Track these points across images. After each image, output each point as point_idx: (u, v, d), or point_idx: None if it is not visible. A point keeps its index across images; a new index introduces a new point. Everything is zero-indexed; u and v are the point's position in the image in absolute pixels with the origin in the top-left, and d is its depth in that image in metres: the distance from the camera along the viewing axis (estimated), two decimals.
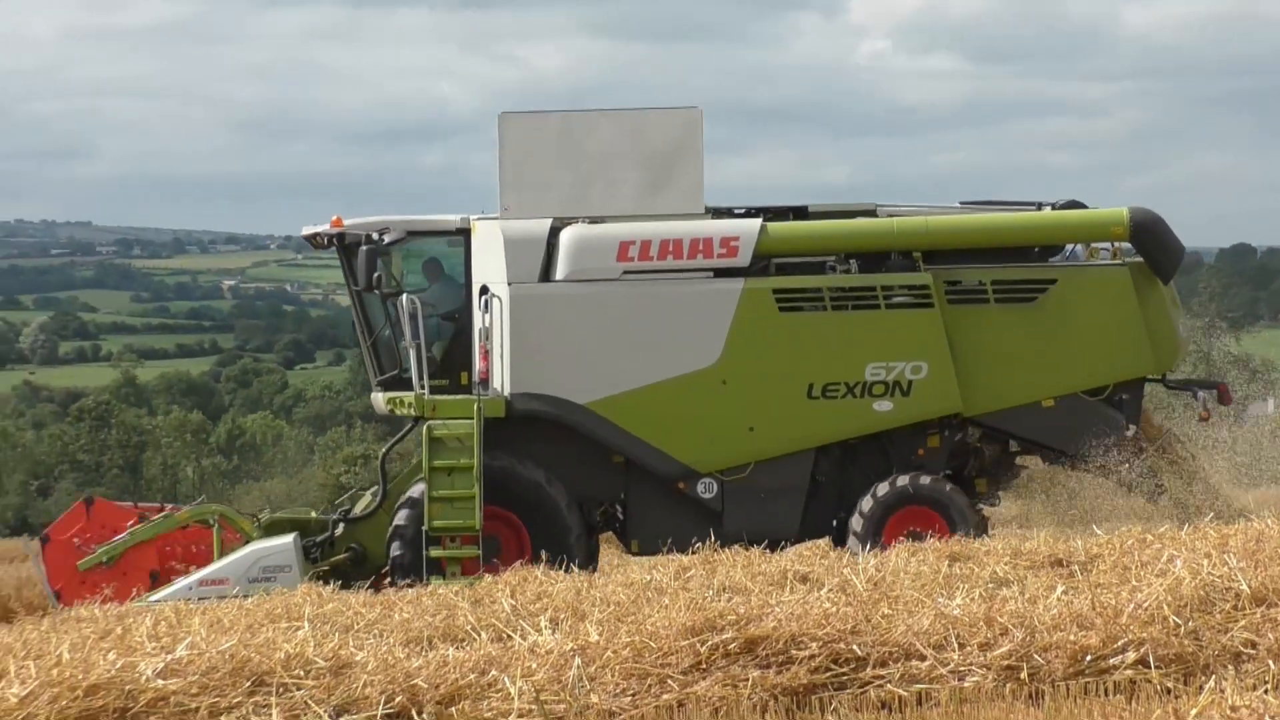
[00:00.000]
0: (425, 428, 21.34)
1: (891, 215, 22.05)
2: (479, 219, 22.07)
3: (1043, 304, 21.39)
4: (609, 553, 24.07)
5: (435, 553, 21.01)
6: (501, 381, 21.54)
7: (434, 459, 21.12)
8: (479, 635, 13.06)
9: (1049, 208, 22.17)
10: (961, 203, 22.76)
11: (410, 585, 19.87)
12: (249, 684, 11.46)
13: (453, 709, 11.22)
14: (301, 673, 11.56)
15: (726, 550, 15.96)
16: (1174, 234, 21.75)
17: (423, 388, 21.68)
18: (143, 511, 22.65)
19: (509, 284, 21.53)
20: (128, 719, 11.18)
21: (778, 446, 21.51)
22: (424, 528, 21.04)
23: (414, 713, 10.98)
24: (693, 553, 17.09)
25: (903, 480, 21.17)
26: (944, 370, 21.27)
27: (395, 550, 21.28)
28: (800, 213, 22.28)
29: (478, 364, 21.58)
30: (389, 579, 21.09)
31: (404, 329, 21.78)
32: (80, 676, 11.35)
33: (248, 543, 21.60)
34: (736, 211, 22.29)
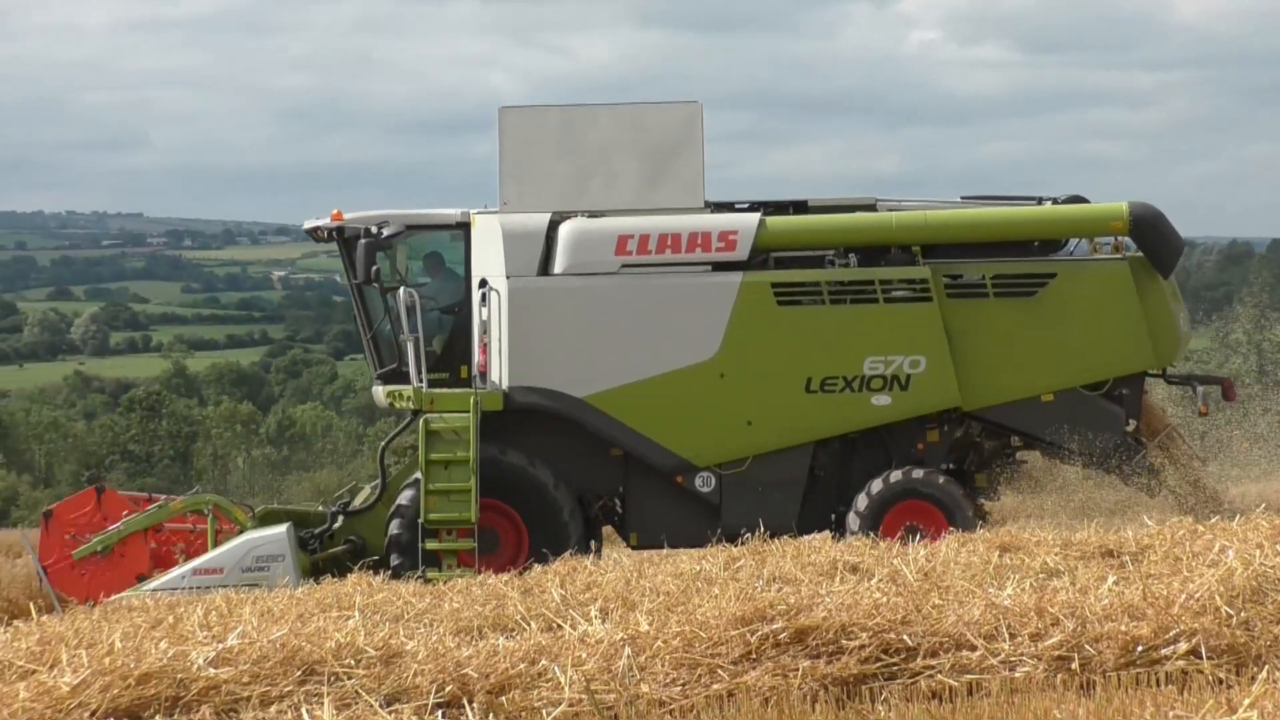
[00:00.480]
0: (421, 421, 21.44)
1: (891, 210, 22.09)
2: (479, 213, 22.16)
3: (1042, 298, 21.45)
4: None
5: (431, 545, 21.19)
6: (500, 375, 21.65)
7: (430, 452, 21.28)
8: (529, 625, 13.06)
9: (1049, 202, 22.18)
10: (963, 197, 22.85)
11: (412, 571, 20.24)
12: (300, 673, 11.48)
13: (503, 698, 11.22)
14: (352, 662, 11.58)
15: (776, 541, 15.95)
16: (1174, 229, 21.82)
17: (420, 381, 21.80)
18: (98, 488, 23.01)
19: (507, 277, 21.63)
20: (179, 708, 11.20)
21: (776, 440, 21.61)
22: (420, 520, 21.20)
23: (464, 702, 10.96)
24: (741, 544, 17.05)
25: (900, 475, 21.24)
26: (942, 364, 21.33)
27: (395, 529, 21.52)
28: (801, 207, 22.37)
29: (477, 357, 21.73)
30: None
31: (401, 322, 21.88)
32: (132, 665, 11.38)
33: (242, 532, 21.73)
34: (739, 206, 22.38)
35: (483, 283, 21.71)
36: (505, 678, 11.38)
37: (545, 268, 21.60)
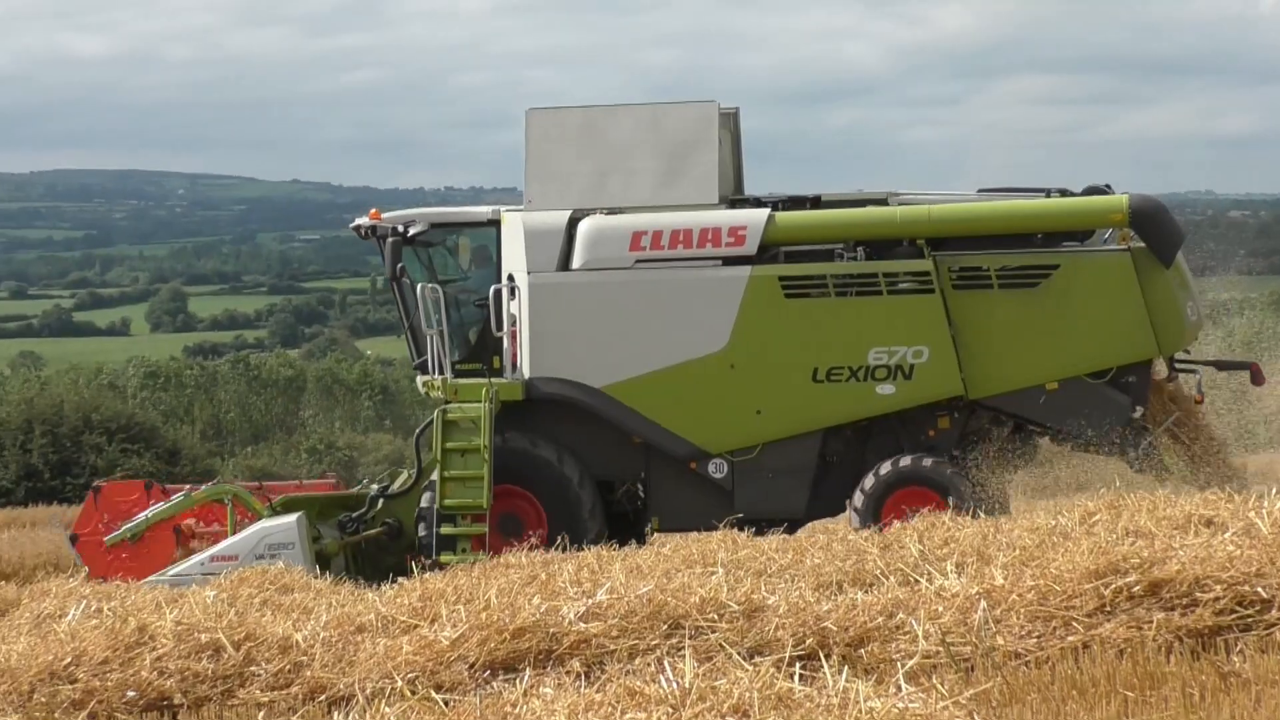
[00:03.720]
0: (439, 411, 22.06)
1: (903, 204, 22.38)
2: (508, 210, 22.66)
3: (1046, 289, 21.72)
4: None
5: (447, 530, 21.75)
6: (521, 366, 22.21)
7: (447, 440, 21.89)
8: (887, 579, 13.31)
9: (1056, 194, 22.40)
10: (979, 190, 23.18)
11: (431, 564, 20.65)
12: (665, 627, 11.79)
13: (861, 651, 11.50)
14: (715, 616, 11.89)
15: (1132, 494, 15.92)
16: (1174, 219, 22.17)
17: (442, 373, 22.44)
18: (147, 483, 23.75)
19: (528, 273, 22.11)
20: (551, 660, 11.52)
21: (784, 428, 21.98)
22: (436, 506, 21.79)
23: (823, 655, 11.22)
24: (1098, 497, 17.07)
25: (905, 461, 21.57)
26: (945, 354, 21.68)
27: (421, 531, 22.16)
28: (816, 202, 22.72)
29: (506, 348, 22.32)
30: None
31: (429, 316, 22.45)
32: (507, 619, 11.70)
33: (258, 521, 22.24)
34: (766, 201, 22.68)
35: (510, 278, 22.27)
36: (863, 631, 11.67)
37: (565, 263, 22.10)
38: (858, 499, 21.56)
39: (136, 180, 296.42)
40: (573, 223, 22.17)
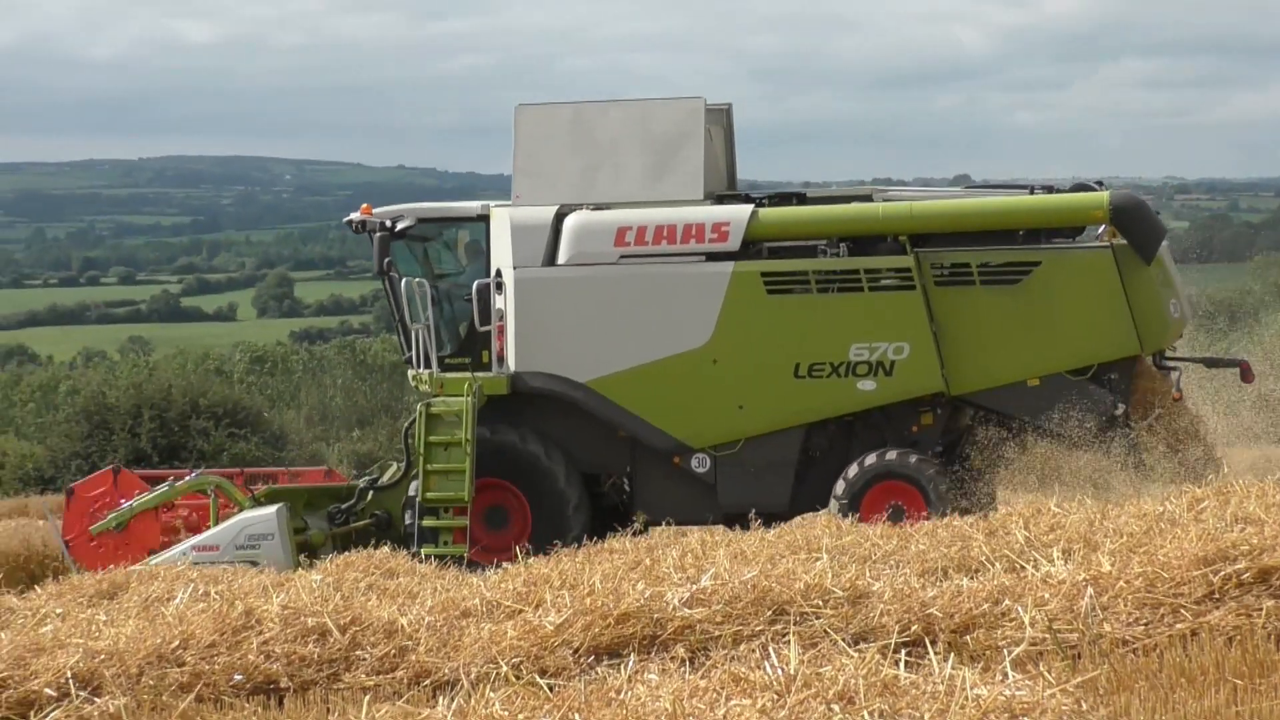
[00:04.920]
0: (422, 404, 22.28)
1: (887, 201, 22.42)
2: (497, 205, 22.83)
3: (1027, 285, 21.69)
4: None
5: (429, 522, 21.94)
6: (508, 360, 22.39)
7: (430, 434, 22.08)
8: (992, 566, 13.25)
9: (1041, 192, 22.41)
10: (965, 186, 23.50)
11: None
12: (770, 613, 11.78)
13: (966, 637, 11.45)
14: (820, 602, 11.87)
15: (1240, 481, 15.75)
16: (1155, 216, 22.15)
17: (429, 367, 22.65)
18: (114, 468, 24.10)
19: (514, 268, 22.29)
20: (655, 645, 11.52)
21: (766, 424, 22.11)
22: (418, 498, 22.00)
23: (928, 642, 11.19)
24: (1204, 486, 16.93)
25: (884, 455, 21.63)
26: (926, 350, 21.69)
27: (407, 520, 22.39)
28: (802, 199, 22.81)
29: (494, 343, 22.46)
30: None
31: (414, 311, 22.73)
32: (611, 605, 11.73)
33: (240, 512, 22.47)
34: (755, 197, 22.78)
35: (497, 273, 22.44)
36: (969, 617, 11.61)
37: (551, 259, 22.25)
38: (838, 491, 21.66)
39: (243, 166, 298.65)
40: (559, 218, 22.37)
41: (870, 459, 21.60)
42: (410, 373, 23.48)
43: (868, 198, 22.63)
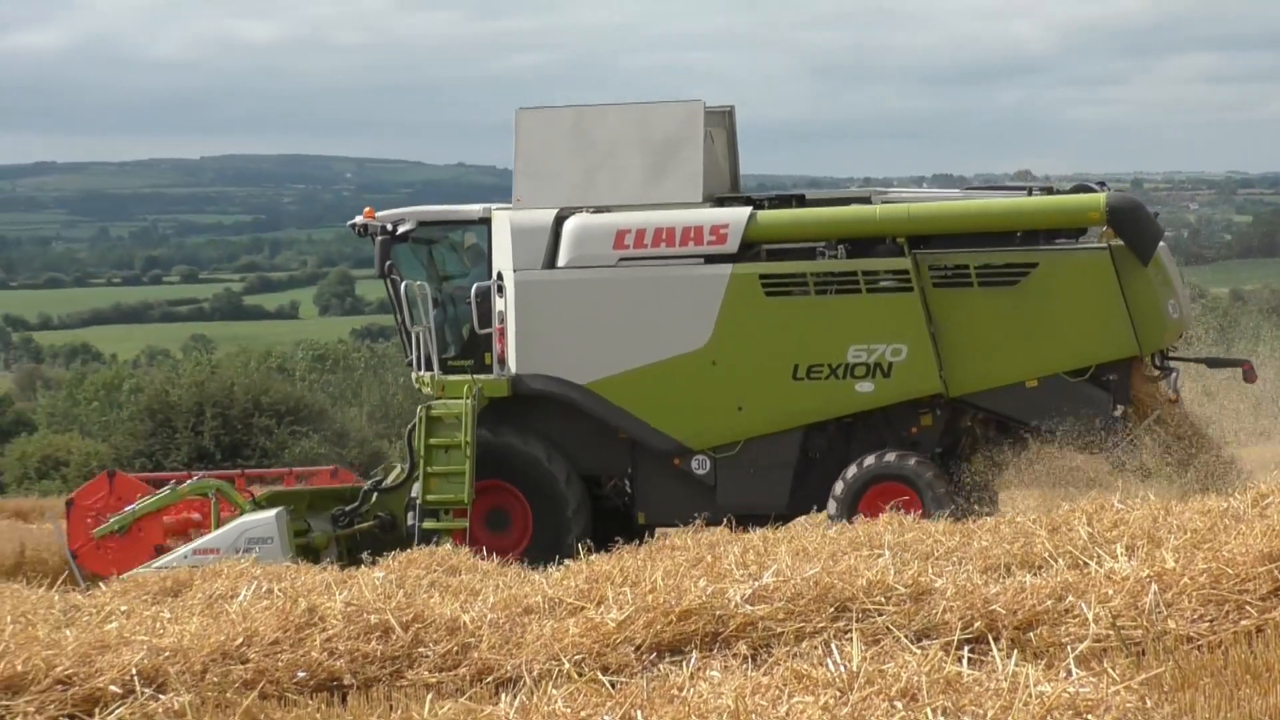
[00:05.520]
0: (423, 407, 22.37)
1: (886, 202, 22.34)
2: (498, 208, 22.85)
3: (1025, 287, 21.58)
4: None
5: (429, 525, 22.02)
6: (509, 363, 22.46)
7: (430, 436, 22.21)
8: (1056, 562, 13.20)
9: (1040, 193, 22.43)
10: (965, 188, 23.47)
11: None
12: (832, 609, 11.74)
13: (1030, 634, 11.40)
14: (882, 599, 11.83)
15: None
16: (1152, 218, 21.96)
17: (430, 369, 22.78)
18: (109, 472, 24.35)
19: (515, 270, 22.32)
20: (717, 642, 11.50)
21: (765, 425, 22.10)
22: (419, 500, 22.13)
23: (991, 638, 11.14)
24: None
25: (881, 457, 21.61)
26: (923, 352, 21.64)
27: (409, 521, 22.50)
28: (802, 201, 22.82)
29: (495, 345, 22.54)
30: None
31: (415, 313, 22.90)
32: (673, 602, 11.70)
33: (240, 515, 22.57)
34: (755, 199, 22.82)
35: (499, 275, 22.49)
36: (1032, 614, 11.56)
37: (551, 261, 22.28)
38: (836, 492, 21.64)
39: (304, 164, 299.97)
40: (559, 221, 22.37)
41: (868, 460, 21.63)
42: (413, 375, 23.62)
43: (866, 200, 22.64)
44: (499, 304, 22.51)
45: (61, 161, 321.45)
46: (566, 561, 16.50)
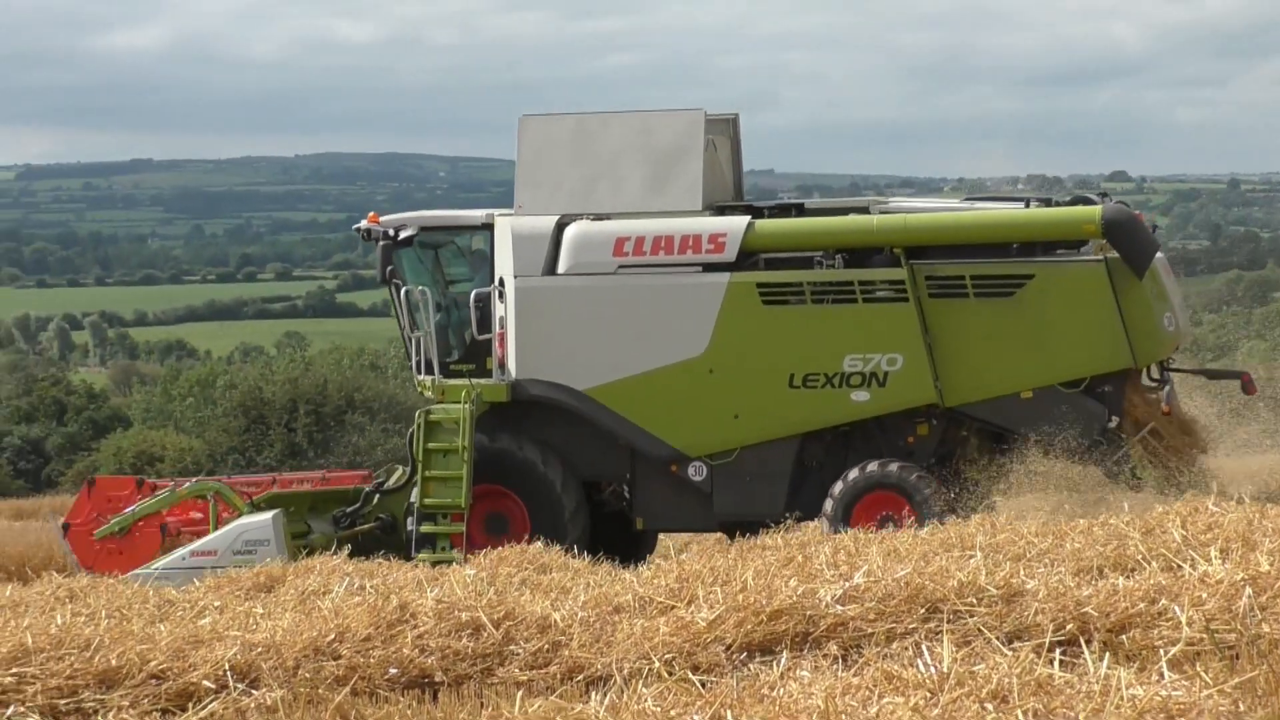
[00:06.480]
0: (422, 412, 22.51)
1: (885, 213, 22.44)
2: (500, 214, 22.96)
3: (1020, 298, 21.61)
4: None
5: (426, 528, 22.17)
6: (509, 368, 22.55)
7: (429, 441, 22.33)
8: (1149, 565, 13.10)
9: (1038, 204, 22.40)
10: (966, 198, 23.57)
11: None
12: (923, 610, 11.67)
13: (1122, 637, 11.32)
14: (974, 600, 11.75)
15: None
16: (1147, 230, 21.93)
17: (430, 373, 22.89)
18: (138, 480, 24.46)
19: (515, 276, 22.42)
20: (808, 643, 11.46)
21: (761, 433, 22.16)
22: (417, 504, 22.26)
23: (1083, 641, 11.08)
24: None
25: (875, 466, 21.64)
26: (918, 362, 21.67)
27: (409, 525, 22.60)
28: (801, 210, 22.94)
29: (496, 350, 22.64)
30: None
31: (416, 318, 23.00)
32: (764, 601, 11.68)
33: (239, 517, 22.62)
34: (756, 207, 22.88)
35: (500, 281, 22.58)
36: (1125, 617, 11.46)
37: (552, 268, 22.37)
38: (830, 501, 21.66)
39: (398, 163, 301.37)
40: (560, 228, 22.46)
41: (861, 470, 21.68)
42: (416, 379, 23.74)
43: (865, 210, 22.72)
44: (500, 309, 22.66)
45: (158, 159, 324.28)
46: (657, 560, 16.55)
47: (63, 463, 67.22)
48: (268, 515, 22.37)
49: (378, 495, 23.71)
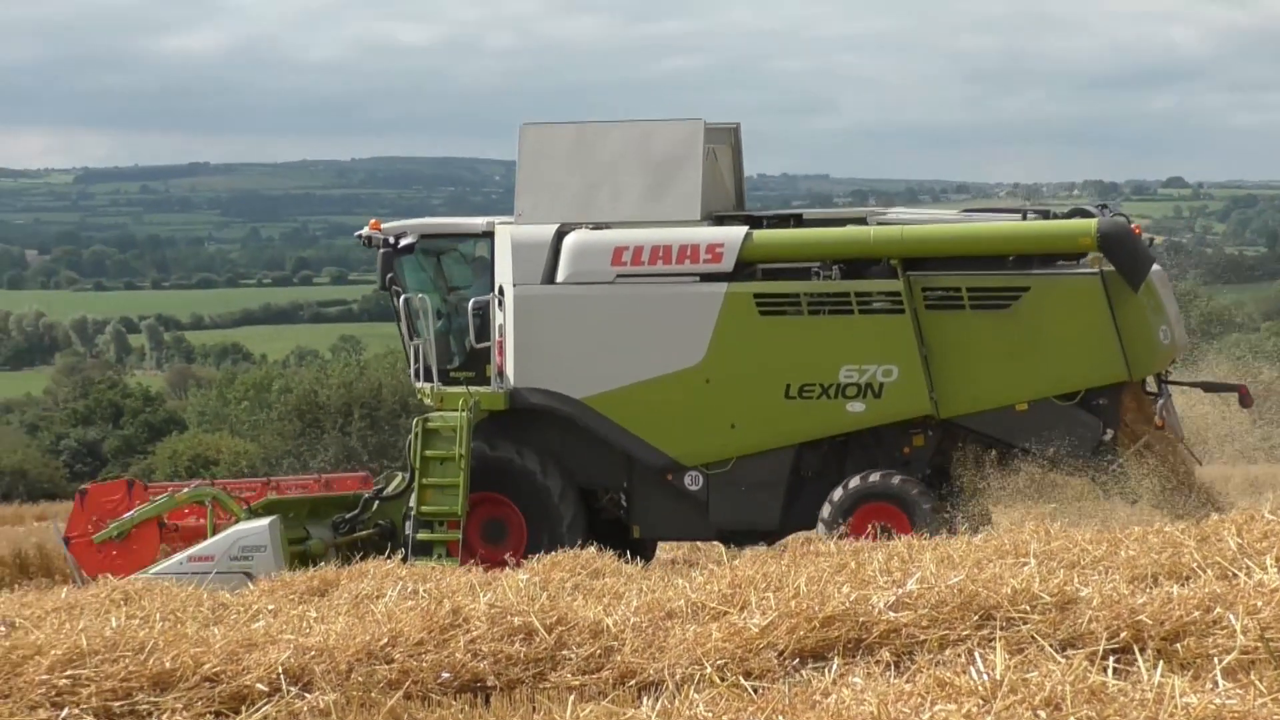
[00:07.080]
0: (419, 419, 22.62)
1: (882, 224, 22.45)
2: (500, 222, 23.07)
3: (1016, 310, 21.66)
4: None
5: (423, 535, 22.29)
6: (507, 376, 22.64)
7: (426, 448, 22.46)
8: (1204, 573, 13.05)
9: (1035, 216, 22.43)
10: (963, 209, 23.79)
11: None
12: (976, 618, 11.63)
13: (1176, 645, 11.27)
14: (1027, 607, 11.70)
15: None
16: (1143, 244, 21.92)
17: (429, 381, 23.00)
18: (128, 482, 24.60)
19: (514, 284, 22.53)
20: (860, 649, 11.44)
21: (757, 443, 22.23)
22: (414, 512, 22.38)
23: (1137, 649, 11.03)
24: None
25: (871, 477, 21.69)
26: (914, 374, 21.72)
27: (408, 531, 22.66)
28: (799, 221, 23.01)
29: (494, 358, 22.73)
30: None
31: (414, 325, 23.17)
32: (817, 608, 11.61)
33: (236, 523, 22.67)
34: (756, 217, 23.00)
35: (500, 289, 22.67)
36: (1179, 625, 11.41)
37: (550, 276, 22.44)
38: (825, 512, 21.70)
39: (454, 167, 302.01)
40: (559, 236, 22.52)
41: (857, 480, 21.73)
42: (416, 386, 23.80)
43: (863, 221, 22.72)
44: (499, 317, 22.75)
45: (215, 162, 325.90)
46: (710, 566, 16.56)
47: (119, 466, 67.60)
48: (264, 522, 22.50)
49: (377, 501, 23.89)
